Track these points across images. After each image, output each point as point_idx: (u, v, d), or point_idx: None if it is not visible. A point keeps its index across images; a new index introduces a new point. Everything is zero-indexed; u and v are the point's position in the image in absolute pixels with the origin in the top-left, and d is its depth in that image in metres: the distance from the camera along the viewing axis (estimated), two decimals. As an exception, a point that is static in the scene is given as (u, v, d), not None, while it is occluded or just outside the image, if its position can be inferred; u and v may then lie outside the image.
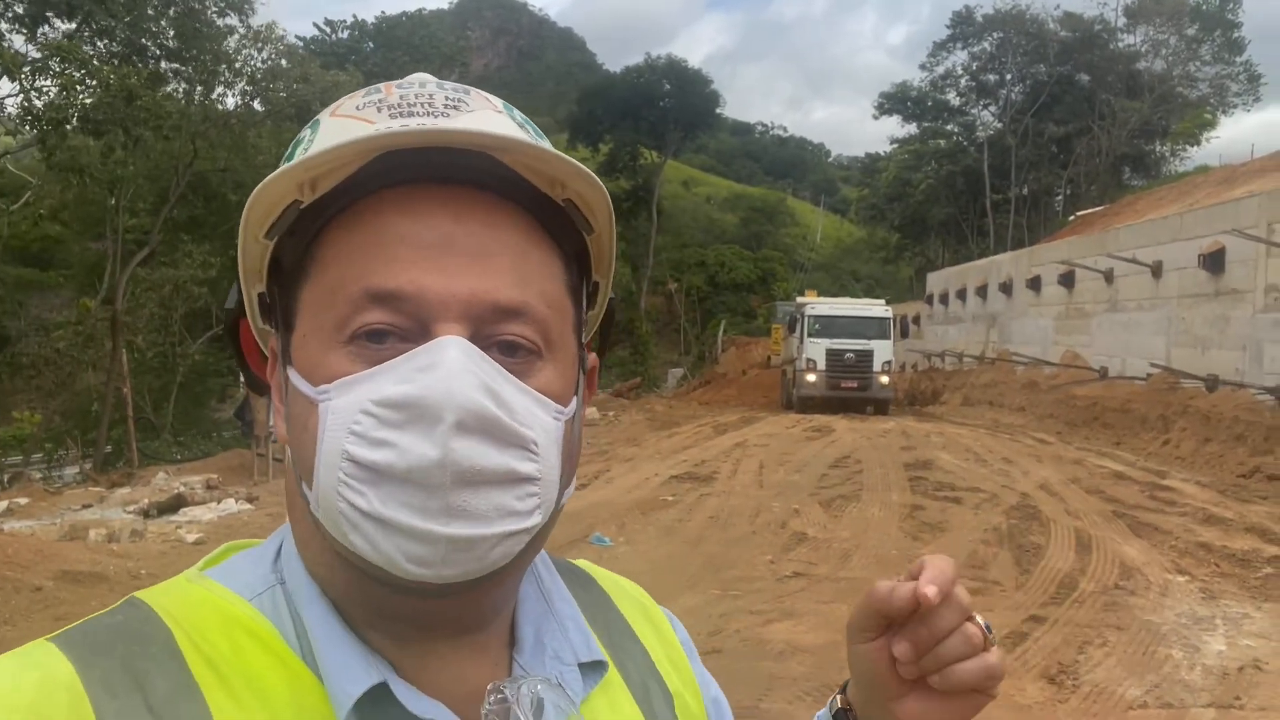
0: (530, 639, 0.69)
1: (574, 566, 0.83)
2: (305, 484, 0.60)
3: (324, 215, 0.61)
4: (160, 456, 23.48)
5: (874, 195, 57.07)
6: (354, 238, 0.61)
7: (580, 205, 0.65)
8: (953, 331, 31.34)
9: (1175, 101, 44.95)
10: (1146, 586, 7.00)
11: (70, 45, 19.88)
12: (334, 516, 0.57)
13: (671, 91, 55.54)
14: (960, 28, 49.24)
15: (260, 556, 0.67)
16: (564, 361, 0.65)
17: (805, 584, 7.15)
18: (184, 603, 0.61)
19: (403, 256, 0.59)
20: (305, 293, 0.62)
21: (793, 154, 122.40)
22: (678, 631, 0.85)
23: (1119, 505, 10.00)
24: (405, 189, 0.61)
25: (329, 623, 0.61)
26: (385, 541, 0.56)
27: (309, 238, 0.62)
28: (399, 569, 0.56)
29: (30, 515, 12.12)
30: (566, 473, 0.64)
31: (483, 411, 0.56)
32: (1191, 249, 17.45)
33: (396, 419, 0.55)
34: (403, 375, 0.56)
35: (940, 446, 14.96)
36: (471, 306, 0.59)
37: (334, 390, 0.58)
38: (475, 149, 0.60)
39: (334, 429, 0.57)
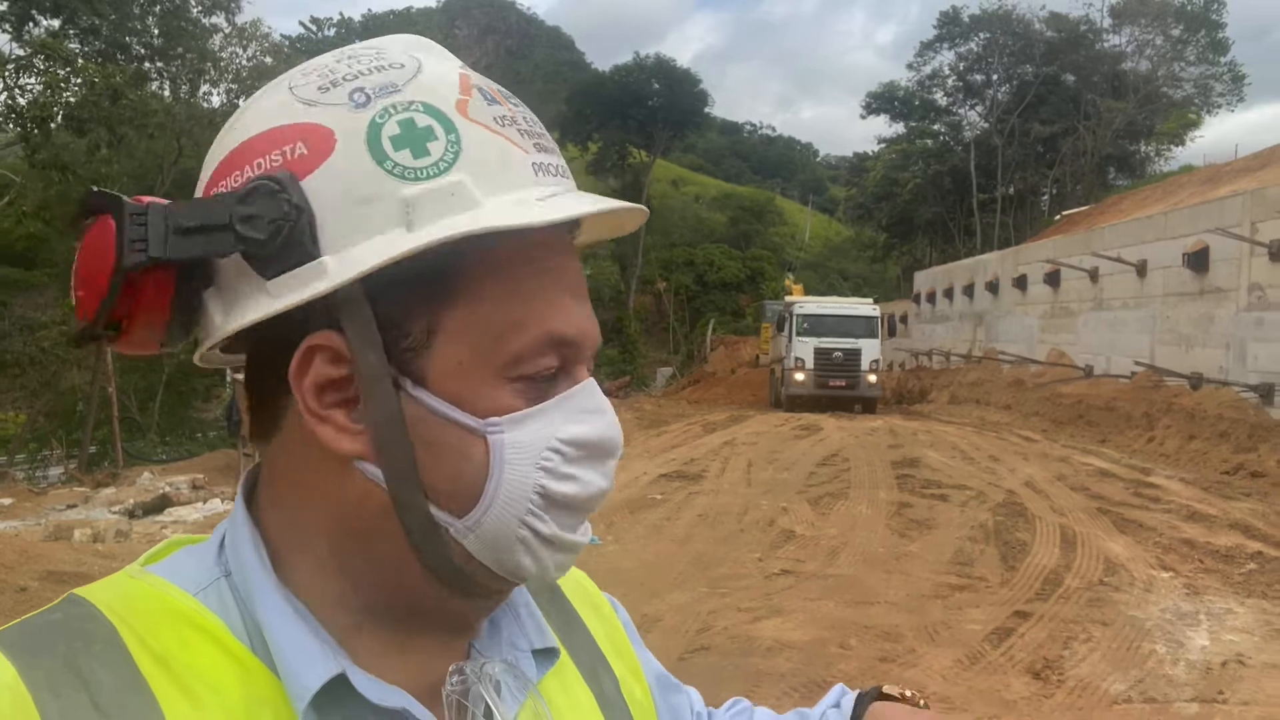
0: (487, 626, 0.70)
1: None
2: (447, 511, 0.59)
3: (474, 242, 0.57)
4: (146, 456, 23.35)
5: (862, 195, 57.26)
6: (515, 274, 0.60)
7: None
8: (940, 330, 31.47)
9: (1160, 102, 45.27)
10: (1131, 582, 7.05)
11: (55, 43, 19.74)
12: (506, 543, 0.61)
13: (660, 90, 55.57)
14: (947, 28, 49.48)
15: (203, 551, 0.65)
16: None
17: (793, 581, 7.17)
18: (127, 598, 0.59)
19: (565, 301, 0.63)
20: (455, 315, 0.59)
21: (781, 153, 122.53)
22: (620, 616, 0.88)
23: (1104, 502, 10.07)
24: (550, 231, 0.61)
25: (285, 612, 0.59)
26: (549, 557, 0.62)
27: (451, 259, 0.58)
28: (542, 577, 0.64)
29: (15, 516, 12.03)
30: None
31: (621, 450, 0.66)
32: (1176, 248, 17.58)
33: (579, 456, 0.62)
34: (574, 415, 0.62)
35: (927, 444, 15.02)
36: (596, 349, 0.66)
37: (505, 424, 0.60)
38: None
39: (518, 462, 0.60)
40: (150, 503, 12.60)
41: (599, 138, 56.35)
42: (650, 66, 56.78)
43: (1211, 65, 46.14)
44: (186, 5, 23.13)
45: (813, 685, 5.02)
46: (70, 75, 19.16)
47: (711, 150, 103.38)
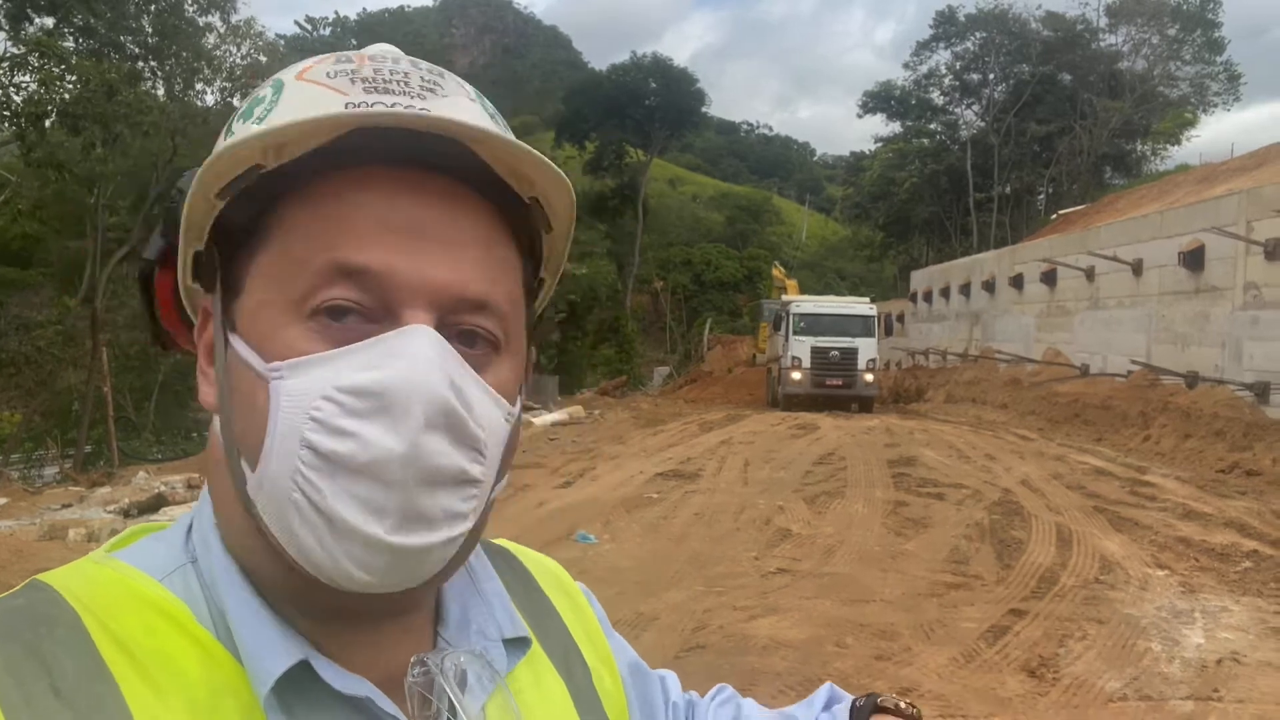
0: (456, 615, 0.69)
1: (498, 546, 0.84)
2: (246, 462, 0.57)
3: (284, 182, 0.59)
4: (141, 456, 23.30)
5: (859, 194, 57.27)
6: (321, 210, 0.59)
7: (545, 205, 0.64)
8: (936, 329, 31.49)
9: (1156, 101, 45.33)
10: (1126, 580, 7.05)
11: (50, 40, 19.68)
12: (282, 505, 0.55)
13: (657, 90, 55.53)
14: (943, 27, 49.49)
15: (169, 537, 0.65)
16: (517, 359, 0.65)
17: (789, 580, 7.16)
18: (91, 584, 0.59)
19: (373, 234, 0.58)
20: (260, 259, 0.60)
21: (778, 153, 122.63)
22: (594, 607, 0.86)
23: (1100, 500, 10.08)
24: (378, 170, 0.59)
25: (247, 601, 0.59)
26: (332, 543, 0.54)
27: (265, 203, 0.60)
28: (344, 574, 0.55)
29: (9, 515, 11.99)
30: (502, 472, 0.63)
31: (449, 408, 0.55)
32: (1172, 247, 17.61)
33: (361, 408, 0.54)
34: (369, 361, 0.55)
35: (924, 443, 15.04)
36: (441, 295, 0.58)
37: (286, 369, 0.56)
38: (451, 136, 0.59)
39: (290, 412, 0.54)
40: (145, 502, 12.55)
41: (596, 137, 56.29)
42: (647, 66, 56.75)
43: (1207, 64, 46.23)
44: (181, 4, 23.09)
45: (808, 683, 5.01)
46: (65, 72, 19.11)
47: (709, 150, 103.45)
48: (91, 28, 21.97)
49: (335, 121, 0.56)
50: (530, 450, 14.97)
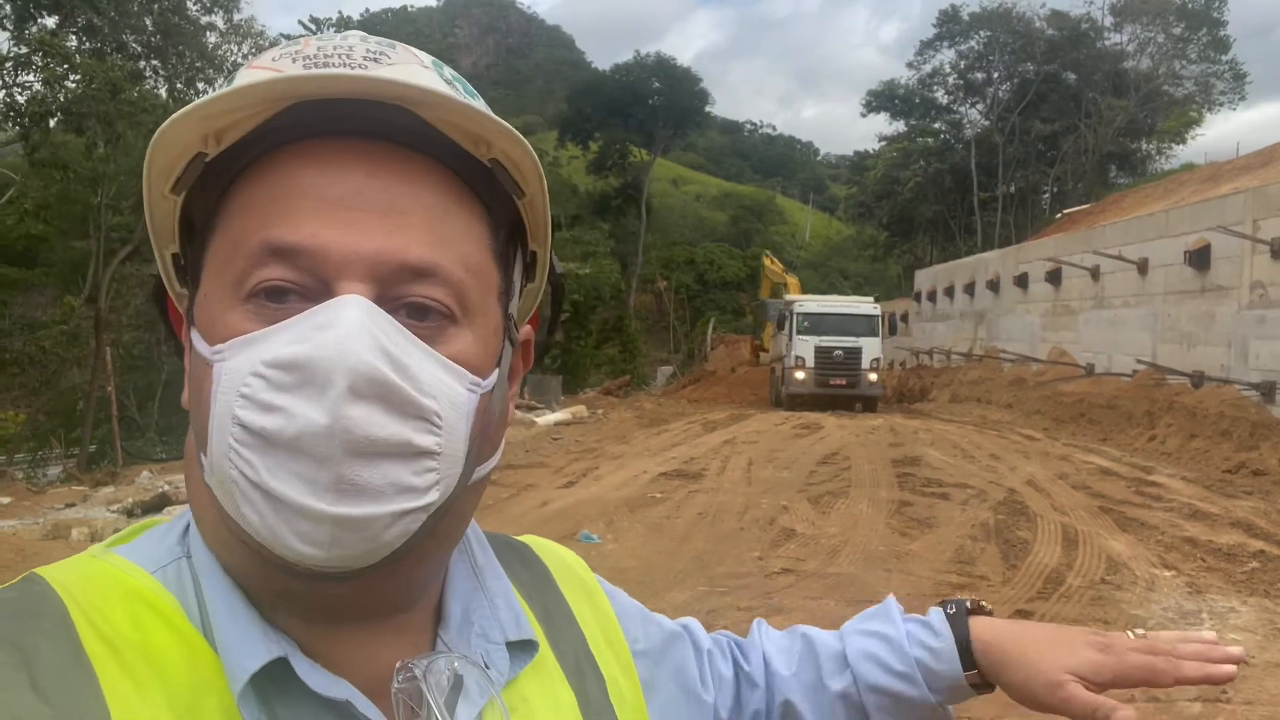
0: (457, 616, 0.66)
1: (516, 543, 0.81)
2: (201, 450, 0.56)
3: (232, 169, 0.58)
4: (145, 455, 23.33)
5: (862, 193, 57.21)
6: (258, 191, 0.57)
7: (509, 167, 0.62)
8: (941, 329, 31.43)
9: (1161, 100, 45.22)
10: (1133, 581, 7.01)
11: (53, 40, 19.70)
12: (226, 485, 0.54)
13: (661, 89, 55.54)
14: (947, 26, 49.40)
15: (168, 531, 0.64)
16: (484, 330, 0.61)
17: (793, 580, 7.13)
18: (83, 577, 0.58)
19: (306, 209, 0.56)
20: (210, 249, 0.59)
21: (781, 152, 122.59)
22: (615, 604, 0.82)
23: (1105, 500, 10.04)
24: (316, 142, 0.57)
25: (228, 596, 0.58)
26: (272, 516, 0.53)
27: (217, 193, 0.59)
28: (288, 548, 0.53)
29: (13, 514, 12.00)
30: (480, 449, 0.61)
31: (377, 376, 0.52)
32: (1177, 246, 17.54)
33: (287, 381, 0.52)
34: (297, 335, 0.53)
35: (928, 443, 14.99)
36: (378, 266, 0.56)
37: (228, 350, 0.55)
38: (389, 101, 0.57)
39: (225, 391, 0.54)
40: (149, 501, 12.55)
41: (599, 137, 56.29)
42: (651, 65, 56.76)
43: (1213, 63, 46.12)
44: (184, 3, 23.09)
45: (813, 684, 4.98)
46: (68, 71, 19.12)
47: (712, 149, 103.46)
48: (95, 27, 21.99)
49: (257, 93, 0.55)
50: (533, 450, 14.95)
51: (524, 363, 0.71)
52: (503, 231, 0.64)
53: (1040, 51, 46.18)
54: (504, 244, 0.64)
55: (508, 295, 0.65)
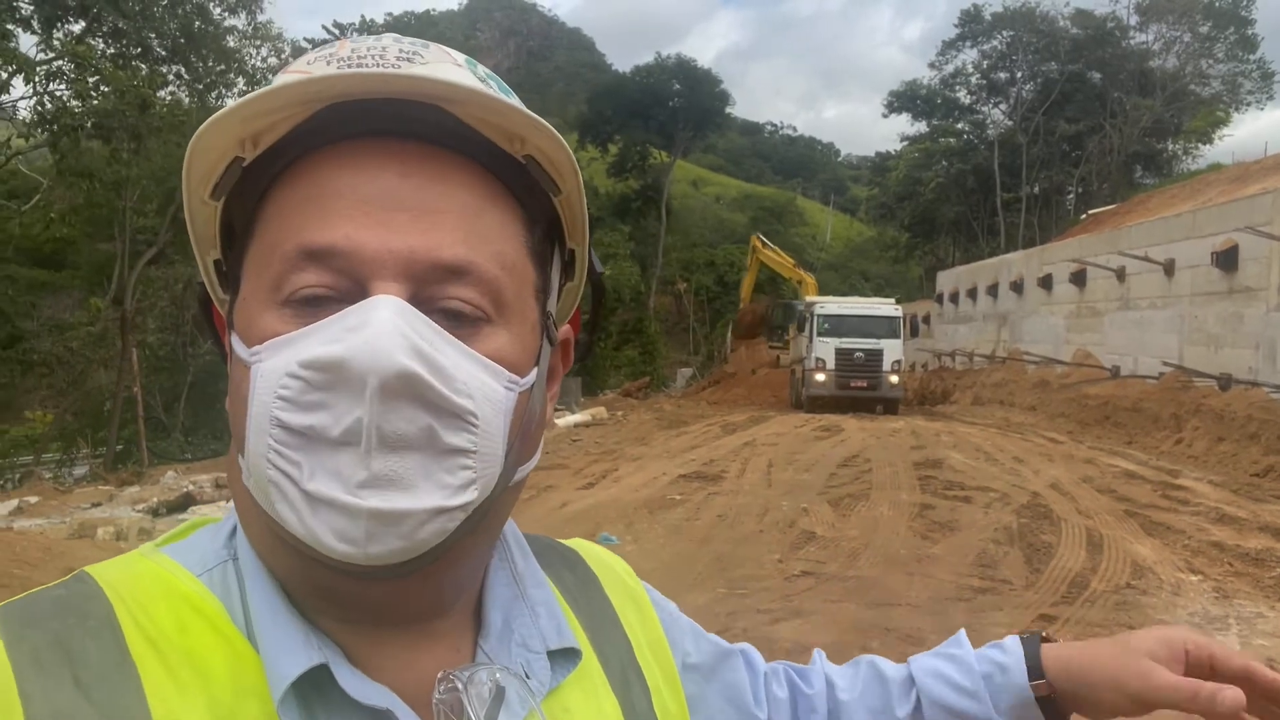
0: (497, 624, 0.65)
1: (562, 547, 0.80)
2: (240, 451, 0.57)
3: (269, 173, 0.59)
4: (170, 456, 23.60)
5: (884, 194, 56.92)
6: (293, 194, 0.58)
7: (544, 163, 0.61)
8: (963, 330, 31.21)
9: (1188, 99, 44.70)
10: (1159, 586, 6.92)
11: (85, 50, 19.94)
12: (264, 485, 0.54)
13: (681, 91, 55.51)
14: (969, 26, 49.07)
15: (218, 531, 0.64)
16: (521, 328, 0.61)
17: (813, 583, 7.10)
18: (132, 577, 0.59)
19: (340, 211, 0.56)
20: (250, 253, 0.60)
21: (802, 153, 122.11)
22: (663, 613, 0.81)
23: (1131, 504, 9.92)
24: (351, 144, 0.57)
25: (272, 600, 0.58)
26: (310, 514, 0.53)
27: (255, 197, 0.59)
28: (325, 546, 0.53)
29: (40, 514, 12.17)
30: (520, 448, 0.60)
31: (409, 375, 0.52)
32: (1204, 247, 17.32)
33: (322, 381, 0.53)
34: (331, 335, 0.53)
35: (950, 446, 14.87)
36: (412, 265, 0.56)
37: (265, 351, 0.55)
38: (421, 100, 0.57)
39: (263, 392, 0.54)
40: (174, 501, 12.70)
41: (619, 139, 56.34)
42: (671, 67, 56.73)
43: (1240, 62, 45.55)
44: (207, 6, 23.33)
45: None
46: (99, 83, 19.32)
47: (732, 151, 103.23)
48: (121, 30, 22.25)
49: (289, 94, 0.55)
50: (553, 451, 14.97)
51: (563, 363, 0.70)
52: (539, 229, 0.64)
53: (1064, 51, 45.77)
54: (540, 242, 0.64)
55: (545, 293, 0.64)
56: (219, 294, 0.67)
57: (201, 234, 0.64)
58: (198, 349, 29.42)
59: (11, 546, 7.55)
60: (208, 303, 0.68)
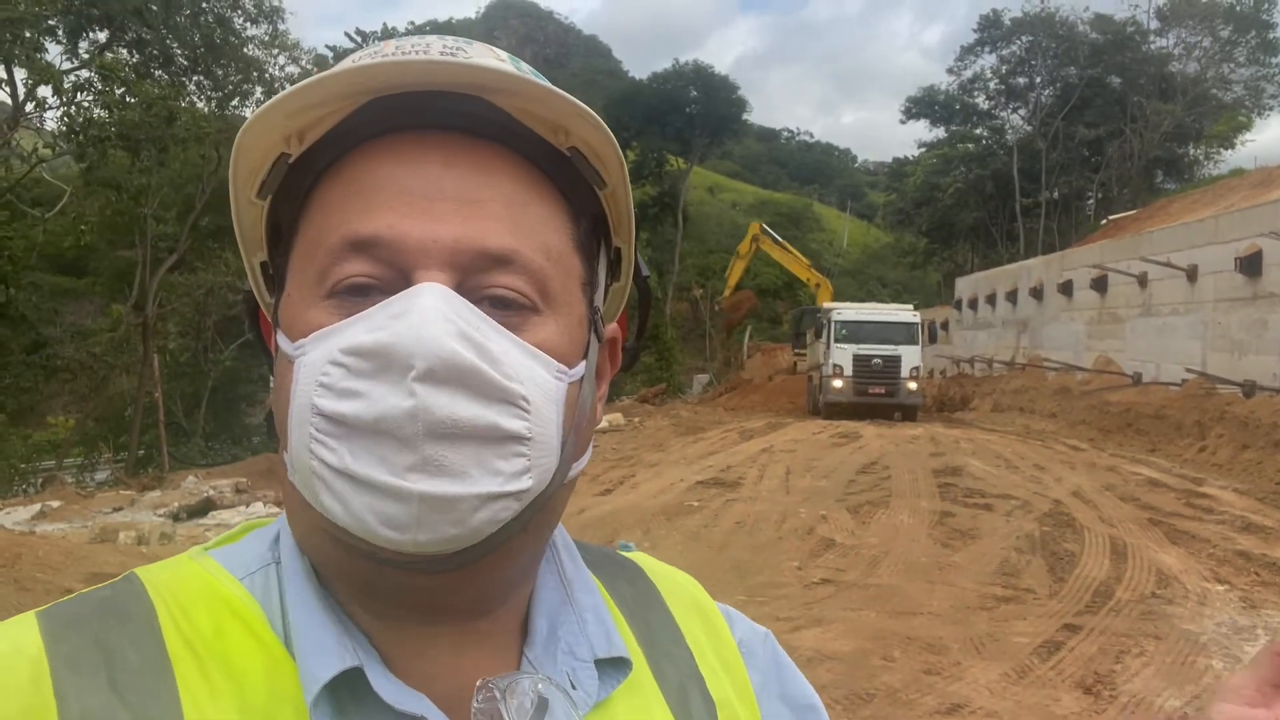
0: (543, 631, 0.63)
1: (620, 558, 0.77)
2: (283, 447, 0.56)
3: (314, 169, 0.58)
4: (191, 460, 23.76)
5: (901, 200, 56.65)
6: (337, 188, 0.57)
7: (589, 156, 0.60)
8: (982, 337, 30.99)
9: (1209, 104, 44.26)
10: (1185, 595, 6.83)
11: (113, 63, 20.18)
12: (307, 477, 0.53)
13: (698, 98, 55.54)
14: (988, 31, 48.83)
15: (265, 535, 0.64)
16: (568, 319, 0.60)
17: (833, 590, 7.05)
18: (177, 580, 0.59)
19: (383, 202, 0.55)
20: (295, 250, 0.59)
21: (819, 159, 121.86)
22: (736, 630, 0.77)
23: (1155, 512, 9.80)
24: (395, 137, 0.57)
25: (308, 601, 0.57)
26: (356, 500, 0.52)
27: (301, 195, 0.59)
28: (371, 532, 0.52)
29: (62, 518, 12.27)
30: (574, 442, 0.59)
31: (457, 360, 0.51)
32: (1228, 252, 17.13)
33: (365, 368, 0.52)
34: (375, 323, 0.53)
35: (970, 453, 14.76)
36: (457, 254, 0.55)
37: (309, 344, 0.54)
38: (464, 90, 0.56)
39: (304, 383, 0.54)
40: (194, 506, 12.79)
41: (636, 145, 56.40)
42: (688, 73, 56.79)
43: (1262, 66, 45.06)
44: (228, 16, 23.57)
45: (855, 697, 4.90)
46: (126, 94, 19.52)
47: (748, 157, 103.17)
48: (144, 40, 22.50)
49: (328, 87, 0.55)
50: (571, 457, 14.95)
51: (611, 364, 0.69)
52: (584, 223, 0.63)
53: (1084, 55, 45.44)
54: (586, 235, 0.63)
55: (592, 287, 0.63)
56: (265, 297, 0.66)
57: (248, 235, 0.64)
58: (218, 354, 29.65)
59: (35, 550, 7.61)
60: (256, 312, 0.67)
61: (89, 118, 19.35)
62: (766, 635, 0.79)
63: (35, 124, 21.36)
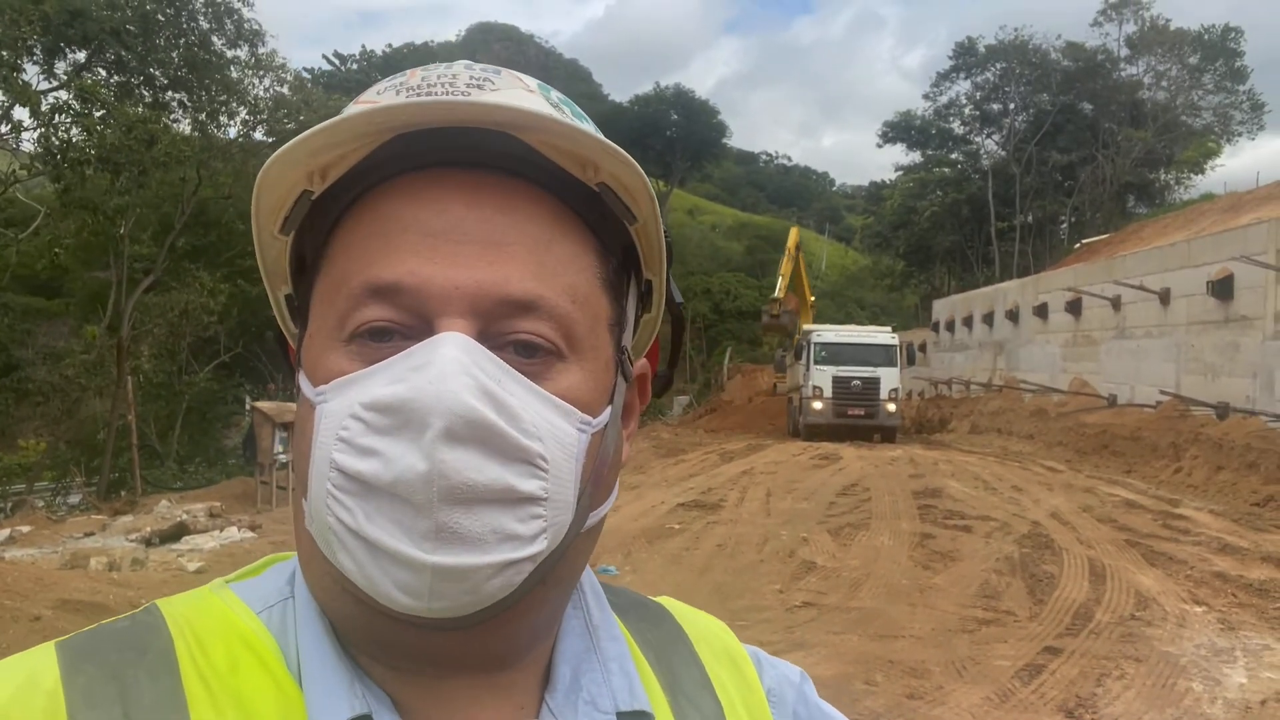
0: (566, 679, 0.62)
1: (649, 603, 0.75)
2: (302, 494, 0.55)
3: (338, 206, 0.57)
4: (164, 484, 23.42)
5: (879, 223, 57.22)
6: (359, 229, 0.56)
7: (618, 190, 0.59)
8: (959, 359, 31.25)
9: (1179, 130, 45.10)
10: (1163, 617, 6.86)
11: (93, 85, 20.02)
12: (324, 532, 0.52)
13: (678, 121, 56.08)
14: (963, 58, 49.61)
15: (284, 570, 0.63)
16: (594, 364, 0.58)
17: (815, 614, 7.03)
18: (196, 612, 0.59)
19: (404, 246, 0.54)
20: (318, 288, 0.58)
21: (797, 183, 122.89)
22: (765, 677, 0.74)
23: (1132, 534, 9.87)
24: (417, 175, 0.56)
25: (321, 644, 0.56)
26: (372, 565, 0.51)
27: (324, 231, 0.58)
28: (387, 597, 0.51)
29: (32, 543, 12.03)
30: (593, 493, 0.57)
31: (475, 417, 0.50)
32: (1200, 276, 17.40)
33: (384, 424, 0.50)
34: (395, 375, 0.51)
35: (949, 474, 14.82)
36: (479, 300, 0.54)
37: (330, 391, 0.53)
38: (489, 127, 0.55)
39: (325, 434, 0.52)
40: (167, 531, 12.57)
41: (616, 168, 56.76)
42: (669, 97, 57.36)
43: (1230, 94, 46.03)
44: (209, 37, 23.46)
45: (837, 722, 4.86)
46: (107, 117, 19.34)
47: (728, 180, 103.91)
48: (123, 61, 22.35)
49: (352, 126, 0.54)
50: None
51: (641, 398, 0.67)
52: (614, 260, 0.61)
53: (1056, 82, 46.24)
54: (615, 273, 0.61)
55: (620, 327, 0.62)
56: (291, 328, 0.65)
57: (272, 269, 0.64)
58: (193, 376, 29.32)
59: (3, 577, 7.44)
60: (285, 342, 0.67)
61: (67, 140, 19.15)
62: (800, 680, 0.76)
63: (10, 145, 21.13)
